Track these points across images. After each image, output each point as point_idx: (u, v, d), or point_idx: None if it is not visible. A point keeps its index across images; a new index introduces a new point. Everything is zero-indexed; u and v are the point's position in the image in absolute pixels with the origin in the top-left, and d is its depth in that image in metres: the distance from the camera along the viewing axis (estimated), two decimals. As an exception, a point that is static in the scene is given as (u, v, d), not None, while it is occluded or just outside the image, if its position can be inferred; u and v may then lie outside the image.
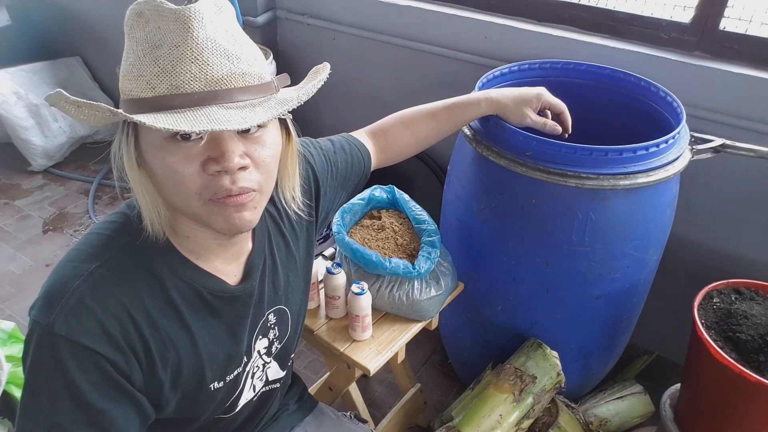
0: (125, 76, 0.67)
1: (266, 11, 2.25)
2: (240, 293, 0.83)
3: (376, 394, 1.84)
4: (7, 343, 1.62)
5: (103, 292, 0.70)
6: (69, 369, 0.68)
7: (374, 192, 1.38)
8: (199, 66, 0.64)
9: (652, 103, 1.45)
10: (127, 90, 0.67)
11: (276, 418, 1.12)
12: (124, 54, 0.69)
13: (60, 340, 0.68)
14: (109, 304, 0.70)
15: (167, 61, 0.64)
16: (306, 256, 0.99)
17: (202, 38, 0.65)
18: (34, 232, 2.53)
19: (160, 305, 0.75)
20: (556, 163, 1.21)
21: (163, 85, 0.64)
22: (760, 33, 1.47)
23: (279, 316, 0.94)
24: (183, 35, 0.64)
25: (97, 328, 0.69)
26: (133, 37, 0.67)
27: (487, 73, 1.50)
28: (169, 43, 0.64)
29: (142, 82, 0.65)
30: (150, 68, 0.64)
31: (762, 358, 1.20)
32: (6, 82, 2.80)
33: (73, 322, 0.68)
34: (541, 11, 1.73)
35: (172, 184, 0.69)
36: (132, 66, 0.66)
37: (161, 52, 0.64)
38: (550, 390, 1.42)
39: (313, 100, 0.90)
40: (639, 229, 1.30)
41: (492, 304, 1.51)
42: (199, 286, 0.78)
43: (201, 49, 0.64)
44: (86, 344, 0.68)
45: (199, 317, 0.79)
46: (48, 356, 0.68)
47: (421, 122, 1.19)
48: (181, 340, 0.77)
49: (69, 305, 0.68)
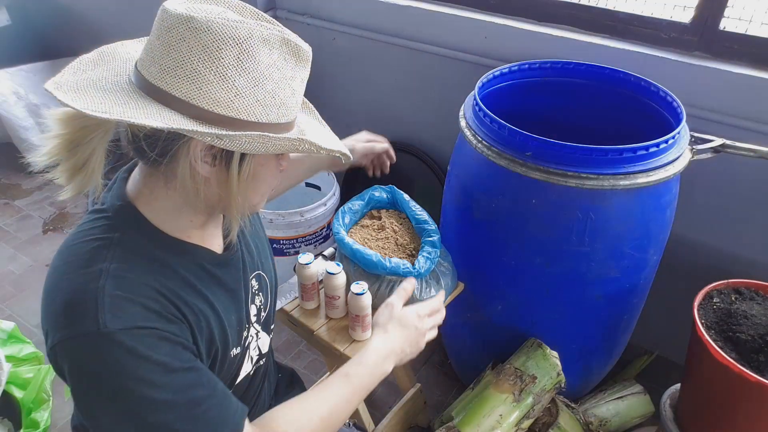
0: (263, 104, 0.70)
1: (266, 11, 2.25)
2: (229, 258, 0.88)
3: (376, 394, 1.84)
4: (7, 343, 1.62)
5: (127, 282, 0.71)
6: (143, 354, 0.67)
7: (374, 192, 1.38)
8: (292, 92, 0.74)
9: (652, 103, 1.45)
10: (271, 118, 0.71)
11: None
12: (251, 76, 0.68)
13: (117, 335, 0.67)
14: (140, 290, 0.71)
15: (299, 93, 0.75)
16: (259, 224, 1.06)
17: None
18: (34, 232, 2.53)
19: (177, 282, 0.76)
20: (556, 163, 1.21)
21: (292, 113, 0.74)
22: (760, 33, 1.47)
23: (260, 282, 0.97)
24: (303, 72, 0.74)
25: (142, 310, 0.70)
26: (261, 62, 0.68)
27: (487, 73, 1.50)
28: (299, 78, 0.74)
29: (284, 110, 0.72)
30: (290, 99, 0.73)
31: (762, 358, 1.20)
32: (6, 82, 2.81)
33: (119, 314, 0.68)
34: (541, 11, 1.73)
35: (266, 186, 0.80)
36: (273, 95, 0.70)
37: (296, 83, 0.73)
38: (550, 390, 1.42)
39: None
40: (639, 229, 1.30)
41: (492, 304, 1.51)
42: (199, 260, 0.81)
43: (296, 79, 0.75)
44: (142, 325, 0.69)
45: (209, 287, 0.82)
46: (114, 357, 0.67)
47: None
48: (206, 310, 0.79)
49: (106, 304, 0.68)
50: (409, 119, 2.16)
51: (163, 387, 0.68)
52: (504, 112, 1.41)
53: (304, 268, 1.24)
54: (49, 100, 2.89)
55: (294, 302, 1.33)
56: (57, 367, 0.72)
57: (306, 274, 1.25)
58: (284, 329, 1.45)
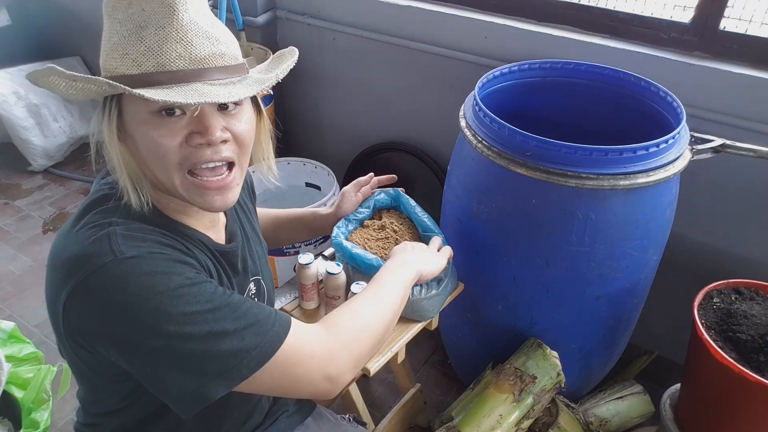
0: (109, 55, 0.71)
1: (266, 11, 2.25)
2: (231, 249, 0.89)
3: (376, 394, 1.84)
4: (7, 343, 1.62)
5: (136, 230, 0.73)
6: (162, 271, 0.69)
7: (378, 197, 1.38)
8: (183, 46, 0.69)
9: (652, 103, 1.45)
10: (111, 68, 0.71)
11: (276, 420, 1.12)
12: (106, 34, 0.73)
13: (135, 260, 0.68)
14: (149, 236, 0.73)
15: (153, 40, 0.69)
16: (262, 238, 1.08)
17: (186, 20, 0.70)
18: (34, 232, 2.53)
19: (183, 251, 0.77)
20: (556, 163, 1.21)
21: (149, 63, 0.69)
22: (760, 33, 1.47)
23: (258, 287, 0.98)
24: (169, 17, 0.69)
25: (154, 243, 0.72)
26: (116, 18, 0.71)
27: (487, 73, 1.50)
28: (155, 24, 0.69)
29: (128, 60, 0.69)
30: (136, 47, 0.69)
31: (762, 358, 1.20)
32: (6, 82, 2.80)
33: (133, 244, 0.70)
34: (541, 11, 1.73)
35: (154, 156, 0.73)
36: (116, 45, 0.70)
37: (147, 32, 0.69)
38: (550, 390, 1.42)
39: (313, 100, 0.91)
40: (639, 229, 1.30)
41: (492, 304, 1.51)
42: (201, 240, 0.83)
43: (185, 30, 0.70)
44: (159, 251, 0.71)
45: (213, 267, 0.83)
46: (138, 280, 0.67)
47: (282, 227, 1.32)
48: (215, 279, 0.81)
49: (118, 238, 0.70)
50: (409, 119, 2.16)
51: (197, 297, 0.70)
52: (504, 112, 1.41)
53: (304, 268, 1.24)
54: (49, 99, 2.89)
55: (294, 302, 1.33)
56: (79, 324, 0.71)
57: (306, 274, 1.25)
58: (284, 329, 1.45)
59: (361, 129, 2.32)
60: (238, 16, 2.19)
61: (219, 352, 0.69)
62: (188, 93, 0.68)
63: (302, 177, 2.21)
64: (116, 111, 0.73)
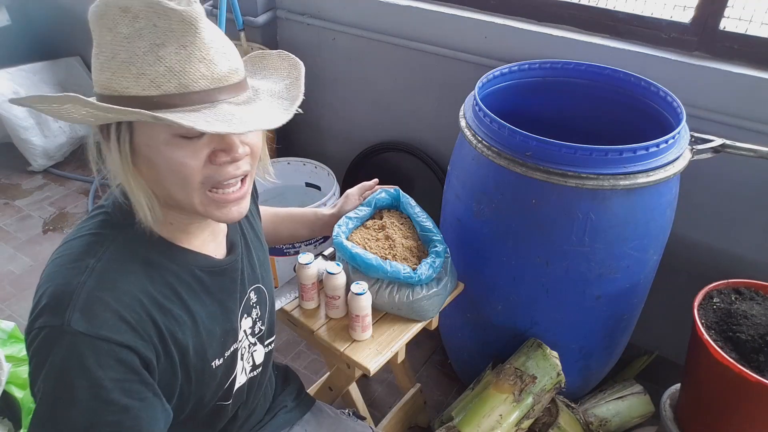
0: (117, 73, 0.66)
1: (266, 11, 2.25)
2: (227, 266, 0.88)
3: (376, 394, 1.84)
4: (7, 343, 1.62)
5: (110, 283, 0.71)
6: (89, 367, 0.67)
7: (378, 196, 1.38)
8: (206, 65, 0.67)
9: (652, 103, 1.45)
10: (121, 88, 0.67)
11: (274, 416, 1.12)
12: (106, 49, 0.67)
13: (78, 338, 0.67)
14: (119, 293, 0.71)
15: (175, 60, 0.66)
16: (263, 240, 1.06)
17: (207, 39, 0.68)
18: (34, 232, 2.53)
19: (161, 289, 0.76)
20: (556, 163, 1.21)
21: (170, 84, 0.66)
22: (760, 33, 1.47)
23: (259, 295, 0.98)
24: (192, 35, 0.66)
25: (113, 317, 0.70)
26: (119, 33, 0.66)
27: (487, 73, 1.50)
28: (175, 42, 0.66)
29: (145, 81, 0.65)
30: (154, 67, 0.65)
31: (762, 358, 1.20)
32: (6, 82, 2.80)
33: (89, 315, 0.68)
34: (541, 11, 1.73)
35: (176, 177, 0.72)
36: (127, 63, 0.66)
37: (166, 51, 0.65)
38: (550, 390, 1.42)
39: (313, 100, 0.91)
40: (639, 229, 1.30)
41: (492, 304, 1.51)
42: (190, 265, 0.81)
43: (208, 49, 0.68)
44: (107, 336, 0.68)
45: (195, 296, 0.82)
46: (66, 358, 0.67)
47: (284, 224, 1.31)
48: (185, 320, 0.79)
49: (81, 301, 0.69)
50: (409, 119, 2.16)
51: (85, 412, 0.67)
52: (504, 112, 1.41)
53: (304, 268, 1.24)
54: (49, 100, 2.89)
55: (294, 302, 1.33)
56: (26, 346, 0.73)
57: (306, 274, 1.25)
58: (284, 329, 1.45)
59: (361, 129, 2.32)
60: (238, 16, 2.19)
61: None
62: (225, 117, 0.66)
63: (302, 177, 2.21)
64: (128, 134, 0.70)
